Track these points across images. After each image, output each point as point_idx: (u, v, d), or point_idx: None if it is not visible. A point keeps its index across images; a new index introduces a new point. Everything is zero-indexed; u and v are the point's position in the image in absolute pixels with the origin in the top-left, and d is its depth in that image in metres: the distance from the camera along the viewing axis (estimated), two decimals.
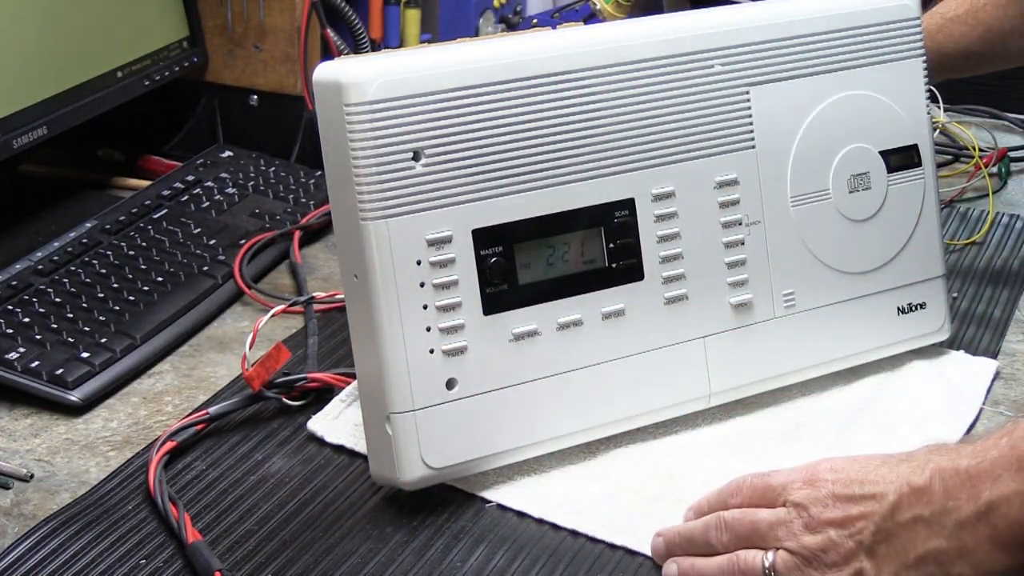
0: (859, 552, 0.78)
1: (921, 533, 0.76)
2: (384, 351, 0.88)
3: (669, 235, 0.98)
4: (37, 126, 1.26)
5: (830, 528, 0.79)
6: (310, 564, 0.86)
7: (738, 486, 0.86)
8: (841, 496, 0.80)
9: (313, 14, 1.43)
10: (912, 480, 0.78)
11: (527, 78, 0.92)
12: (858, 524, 0.79)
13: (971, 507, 0.75)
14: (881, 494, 0.78)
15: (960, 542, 0.75)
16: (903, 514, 0.77)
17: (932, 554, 0.76)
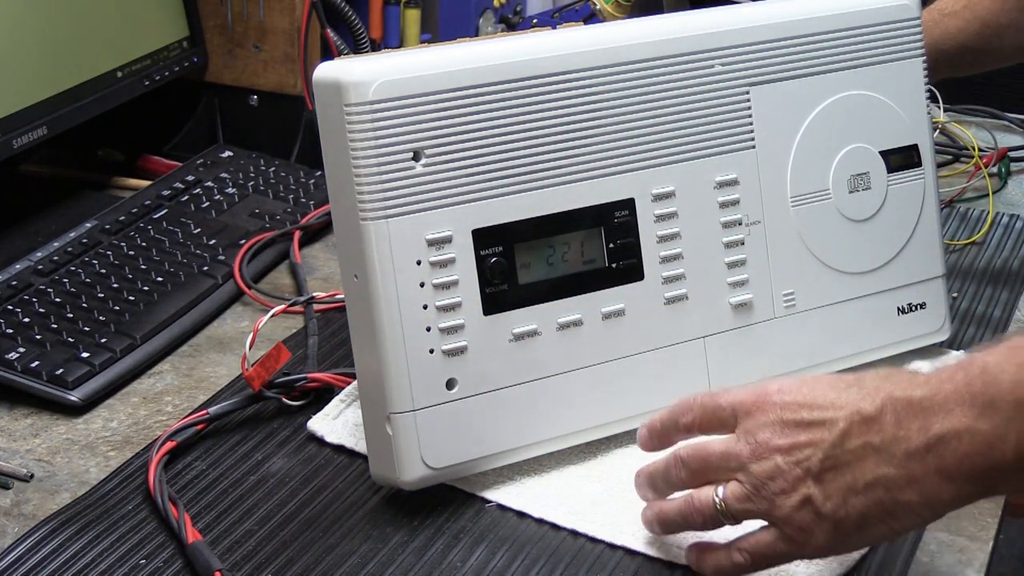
0: (806, 479, 0.78)
1: (870, 460, 0.77)
2: (384, 351, 0.88)
3: (669, 235, 0.98)
4: (37, 126, 1.26)
5: (777, 455, 0.79)
6: (310, 564, 0.86)
7: (688, 405, 0.85)
8: (789, 422, 0.79)
9: (313, 14, 1.43)
10: (862, 407, 0.77)
11: (527, 78, 0.92)
12: (806, 451, 0.78)
13: (921, 438, 0.75)
14: (831, 420, 0.78)
15: (909, 471, 0.75)
16: (852, 441, 0.77)
17: (881, 480, 0.76)
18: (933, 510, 0.77)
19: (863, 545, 0.82)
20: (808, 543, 0.80)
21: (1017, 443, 0.72)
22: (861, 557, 0.87)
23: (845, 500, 0.77)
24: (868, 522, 0.78)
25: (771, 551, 0.81)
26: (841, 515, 0.78)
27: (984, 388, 0.73)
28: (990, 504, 0.93)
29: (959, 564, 0.88)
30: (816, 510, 0.78)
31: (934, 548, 0.89)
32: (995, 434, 0.72)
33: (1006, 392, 0.72)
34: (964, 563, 0.88)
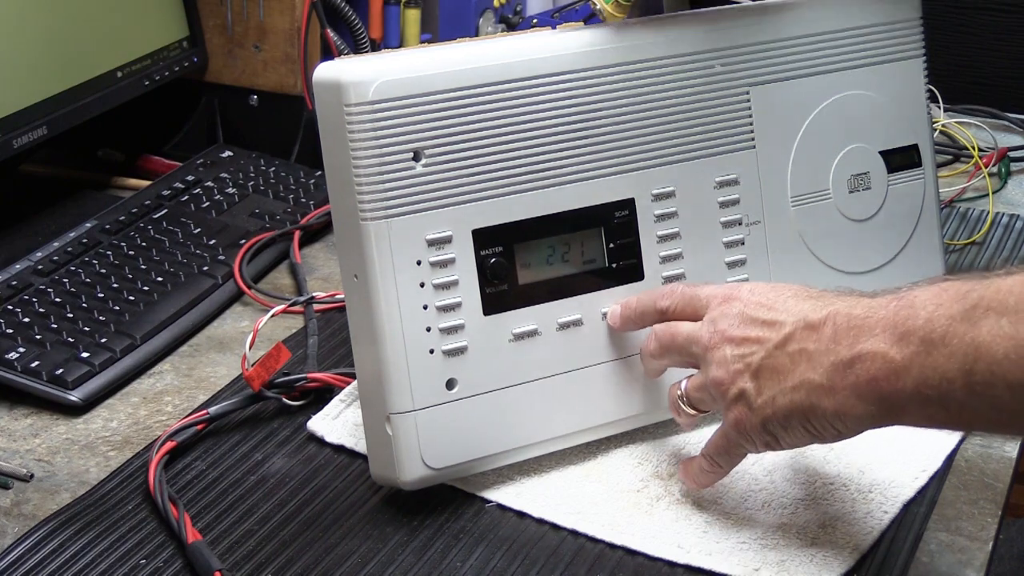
0: (745, 373, 0.84)
1: (802, 364, 0.81)
2: (384, 351, 0.88)
3: (669, 235, 0.98)
4: (37, 126, 1.26)
5: (727, 345, 0.85)
6: (310, 564, 0.86)
7: (670, 290, 0.92)
8: (747, 317, 0.86)
9: (313, 14, 1.43)
10: (809, 316, 0.83)
11: (527, 78, 0.92)
12: (753, 347, 0.84)
13: (847, 352, 0.79)
14: (780, 323, 0.84)
15: (830, 380, 0.80)
16: (792, 345, 0.82)
17: (805, 384, 0.81)
18: (844, 423, 0.81)
19: (792, 445, 0.85)
20: (742, 436, 0.85)
21: (918, 376, 0.76)
22: (861, 557, 0.87)
23: (773, 398, 0.83)
24: (791, 423, 0.82)
25: (717, 448, 0.88)
26: (768, 412, 0.83)
27: (904, 320, 0.77)
28: (990, 504, 0.93)
29: (959, 564, 0.88)
30: (748, 404, 0.84)
31: (934, 548, 0.89)
32: (902, 364, 0.76)
33: (919, 327, 0.76)
34: (964, 563, 0.88)
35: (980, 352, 0.73)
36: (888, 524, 0.90)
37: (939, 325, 0.75)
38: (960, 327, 0.74)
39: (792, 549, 0.88)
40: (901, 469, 0.96)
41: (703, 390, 0.88)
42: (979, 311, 0.74)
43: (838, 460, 0.97)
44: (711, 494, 0.93)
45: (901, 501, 0.92)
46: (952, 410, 0.76)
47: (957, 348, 0.74)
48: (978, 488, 0.95)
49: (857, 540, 0.89)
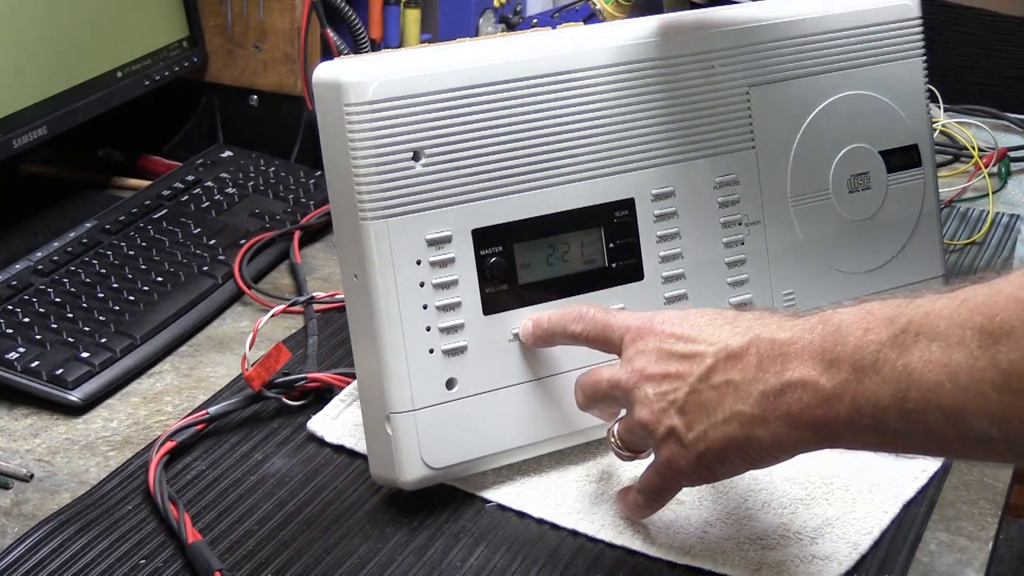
0: (671, 410, 0.82)
1: (730, 396, 0.79)
2: (384, 351, 0.88)
3: (669, 235, 0.98)
4: (37, 126, 1.26)
5: (647, 384, 0.83)
6: (310, 564, 0.86)
7: (580, 315, 0.90)
8: (664, 352, 0.83)
9: (313, 14, 1.43)
10: (730, 344, 0.80)
11: (527, 78, 0.92)
12: (675, 383, 0.82)
13: (775, 381, 0.77)
14: (700, 354, 0.81)
15: (762, 410, 0.78)
16: (717, 377, 0.80)
17: (737, 416, 0.79)
18: (782, 450, 0.79)
19: (729, 475, 0.83)
20: (677, 473, 0.83)
21: (850, 404, 0.74)
22: (861, 557, 0.87)
23: (705, 433, 0.81)
24: (727, 456, 0.80)
25: (652, 485, 0.86)
26: (702, 447, 0.81)
27: (832, 346, 0.75)
28: (990, 504, 0.93)
29: (959, 564, 0.88)
30: (680, 441, 0.82)
31: (934, 548, 0.89)
32: (832, 392, 0.75)
33: (848, 354, 0.74)
34: (964, 563, 0.88)
35: (913, 379, 0.71)
36: (888, 524, 0.90)
37: (869, 351, 0.73)
38: (891, 353, 0.72)
39: (792, 549, 0.88)
40: (901, 469, 0.96)
41: (632, 432, 0.86)
42: (909, 336, 0.72)
43: (838, 460, 0.96)
44: (711, 494, 0.93)
45: (901, 501, 0.92)
46: (888, 436, 0.74)
47: (889, 375, 0.72)
48: (978, 488, 0.95)
49: (857, 540, 0.88)
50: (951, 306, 0.71)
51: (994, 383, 0.68)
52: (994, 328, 0.68)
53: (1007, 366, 0.67)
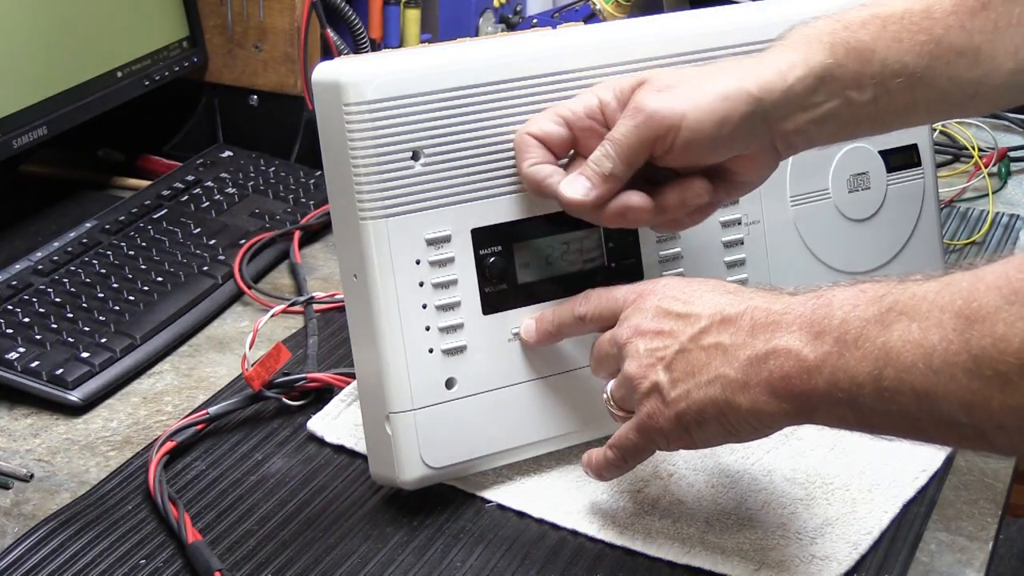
0: (657, 365, 0.82)
1: (717, 359, 0.79)
2: (383, 351, 0.88)
3: (668, 235, 0.98)
4: (37, 126, 1.26)
5: (640, 339, 0.83)
6: (310, 564, 0.86)
7: (586, 295, 0.90)
8: (661, 311, 0.84)
9: (313, 14, 1.43)
10: (726, 310, 0.81)
11: (527, 78, 0.92)
12: (666, 340, 0.82)
13: (762, 347, 0.77)
14: (696, 315, 0.82)
15: (745, 376, 0.78)
16: (708, 339, 0.80)
17: (720, 379, 0.79)
18: (760, 420, 0.79)
19: (706, 443, 0.83)
20: (654, 431, 0.83)
21: (829, 377, 0.74)
22: (861, 557, 0.87)
23: (688, 392, 0.80)
24: (705, 418, 0.80)
25: (628, 442, 0.85)
26: (682, 406, 0.81)
27: (820, 319, 0.75)
28: (990, 504, 0.93)
29: (959, 564, 0.88)
30: (662, 397, 0.81)
31: (934, 548, 0.89)
32: (814, 363, 0.75)
33: (834, 327, 0.74)
34: (964, 563, 0.88)
35: (890, 357, 0.71)
36: (888, 524, 0.90)
37: (853, 327, 0.74)
38: (873, 330, 0.73)
39: (792, 549, 0.88)
40: (901, 469, 0.96)
41: (622, 387, 0.85)
42: (892, 315, 0.72)
43: (838, 460, 0.97)
44: (711, 494, 0.93)
45: (901, 501, 0.92)
46: (862, 413, 0.74)
47: (869, 351, 0.72)
48: (978, 488, 0.95)
49: (857, 540, 0.89)
50: (935, 288, 0.71)
51: (965, 368, 0.68)
52: (971, 312, 0.68)
53: (978, 351, 0.68)
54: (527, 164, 0.89)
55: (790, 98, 0.86)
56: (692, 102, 0.85)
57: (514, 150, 0.90)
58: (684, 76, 0.87)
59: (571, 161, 0.90)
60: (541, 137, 0.89)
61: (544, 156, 0.89)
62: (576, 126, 0.89)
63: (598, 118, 0.88)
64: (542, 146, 0.89)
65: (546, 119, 0.89)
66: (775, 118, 0.86)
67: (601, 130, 0.88)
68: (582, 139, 0.89)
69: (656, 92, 0.86)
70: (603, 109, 0.88)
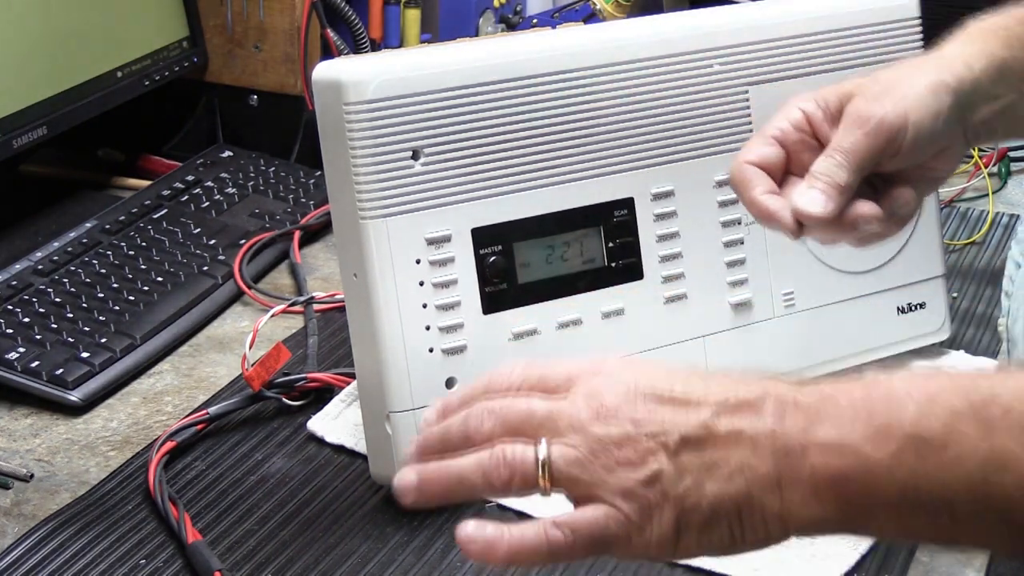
0: (659, 452, 0.64)
1: (741, 447, 0.64)
2: (383, 350, 0.88)
3: (668, 234, 0.98)
4: (37, 126, 1.26)
5: (629, 423, 0.65)
6: (310, 564, 0.86)
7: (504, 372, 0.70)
8: (646, 395, 0.66)
9: (313, 14, 1.43)
10: (739, 393, 0.65)
11: (526, 78, 0.92)
12: (665, 426, 0.65)
13: (802, 439, 0.63)
14: (696, 402, 0.65)
15: (779, 470, 0.63)
16: (722, 423, 0.64)
17: (747, 470, 0.64)
18: (785, 526, 0.65)
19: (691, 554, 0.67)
20: (644, 530, 0.65)
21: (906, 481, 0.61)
22: (861, 557, 0.87)
23: (700, 482, 0.64)
24: (716, 519, 0.65)
25: (600, 532, 0.66)
26: (691, 502, 0.64)
27: (883, 412, 0.62)
28: None
29: (959, 564, 0.88)
30: (664, 489, 0.64)
31: (934, 548, 0.89)
32: (880, 464, 0.62)
33: (907, 423, 0.62)
34: (964, 563, 0.88)
35: (1006, 461, 0.60)
36: None
37: (936, 422, 0.61)
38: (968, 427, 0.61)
39: (792, 549, 0.87)
40: None
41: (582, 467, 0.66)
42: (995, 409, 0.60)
43: None
44: None
45: None
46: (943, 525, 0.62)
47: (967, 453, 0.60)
48: None
49: (857, 540, 0.88)
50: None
51: None
52: None
53: None
54: (756, 193, 0.82)
55: (977, 88, 0.85)
56: (910, 101, 0.83)
57: (733, 182, 0.84)
58: (887, 79, 0.85)
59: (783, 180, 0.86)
60: (760, 163, 0.84)
61: (767, 183, 0.84)
62: (788, 142, 0.85)
63: (806, 130, 0.85)
64: (762, 172, 0.84)
65: (759, 143, 0.85)
66: (967, 108, 0.85)
67: (812, 142, 0.85)
68: (794, 154, 0.85)
69: (874, 99, 0.84)
70: (810, 120, 0.85)
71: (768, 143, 0.84)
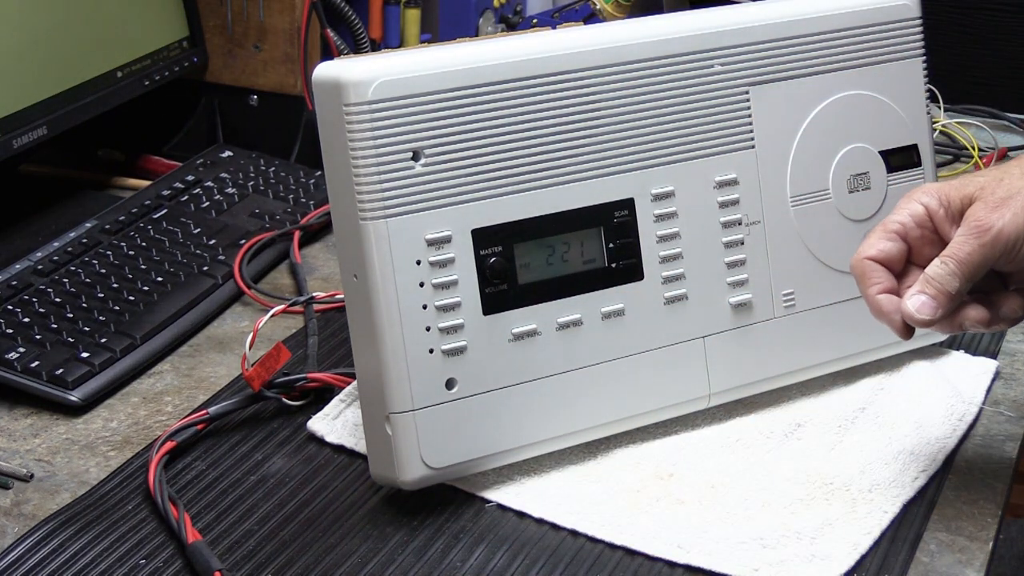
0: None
1: None
2: (384, 351, 0.88)
3: (669, 235, 0.98)
4: (37, 126, 1.26)
5: None
6: (310, 564, 0.86)
7: None
8: None
9: (313, 14, 1.43)
10: None
11: (527, 78, 0.92)
12: None
13: None
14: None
15: None
16: None
17: None
18: None
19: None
20: None
21: None
22: (861, 557, 0.87)
23: None
24: None
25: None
26: None
27: None
28: (990, 504, 0.93)
29: (959, 564, 0.88)
30: None
31: (934, 548, 0.89)
32: None
33: None
34: (964, 563, 0.88)
35: None
36: (888, 524, 0.90)
37: None
38: None
39: (792, 549, 0.88)
40: (901, 469, 0.96)
41: None
42: None
43: (838, 460, 0.97)
44: (711, 494, 0.93)
45: (901, 501, 0.92)
46: None
47: None
48: (978, 488, 0.95)
49: (857, 540, 0.89)
50: None
51: None
52: None
53: None
54: (872, 291, 0.89)
55: None
56: None
57: (854, 274, 0.90)
58: (1010, 184, 0.87)
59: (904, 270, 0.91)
60: (880, 258, 0.89)
61: (886, 279, 0.89)
62: (909, 236, 0.89)
63: (928, 225, 0.89)
64: (882, 267, 0.89)
65: (880, 237, 0.89)
66: None
67: (933, 236, 0.89)
68: (916, 247, 0.90)
69: (994, 208, 0.86)
70: (931, 216, 0.89)
71: (889, 237, 0.89)
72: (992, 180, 0.88)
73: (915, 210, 0.89)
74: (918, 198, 0.89)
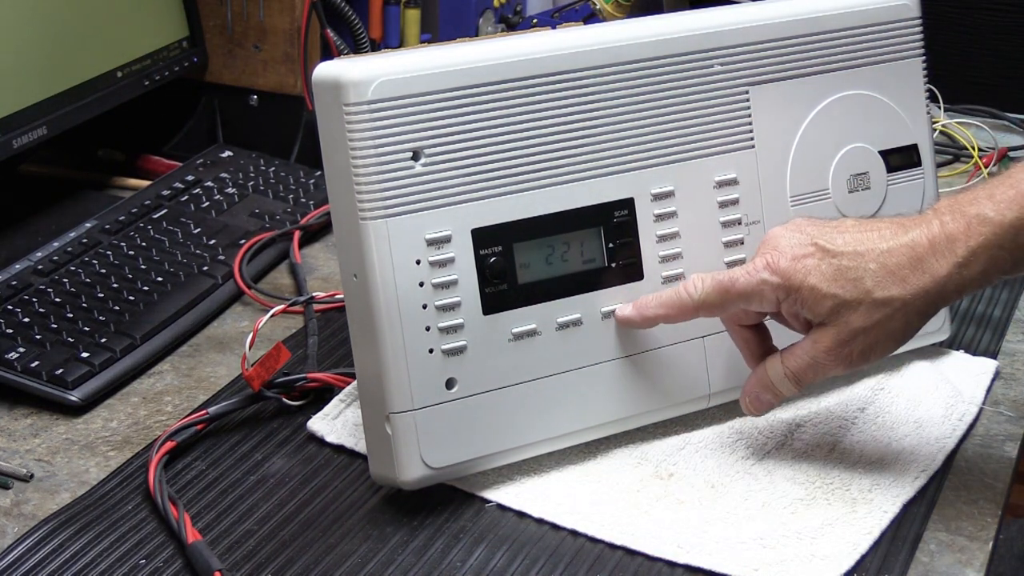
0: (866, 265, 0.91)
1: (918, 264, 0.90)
2: (383, 351, 0.88)
3: (668, 234, 0.98)
4: (37, 126, 1.26)
5: (827, 256, 0.92)
6: (310, 564, 0.86)
7: (697, 279, 0.95)
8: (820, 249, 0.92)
9: (313, 14, 1.43)
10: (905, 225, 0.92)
11: (526, 78, 0.92)
12: (854, 260, 0.92)
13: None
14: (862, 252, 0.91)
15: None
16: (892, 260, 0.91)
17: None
18: None
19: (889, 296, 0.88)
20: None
21: None
22: (861, 557, 0.87)
23: None
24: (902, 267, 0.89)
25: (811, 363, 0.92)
26: None
27: None
28: (990, 504, 0.93)
29: (959, 564, 0.88)
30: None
31: (934, 548, 0.89)
32: None
33: None
34: (964, 563, 0.88)
35: None
36: (888, 524, 0.90)
37: None
38: None
39: (792, 549, 0.88)
40: (901, 469, 0.96)
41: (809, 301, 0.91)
42: None
43: (838, 460, 0.97)
44: (711, 494, 0.93)
45: (901, 501, 0.92)
46: None
47: None
48: (978, 488, 0.95)
49: (857, 540, 0.89)
50: None
51: None
52: None
53: None
54: None
55: None
56: None
57: None
58: None
59: None
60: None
61: None
62: None
63: None
64: None
65: None
66: None
67: None
68: None
69: None
70: None
71: None
72: None
73: None
74: None
